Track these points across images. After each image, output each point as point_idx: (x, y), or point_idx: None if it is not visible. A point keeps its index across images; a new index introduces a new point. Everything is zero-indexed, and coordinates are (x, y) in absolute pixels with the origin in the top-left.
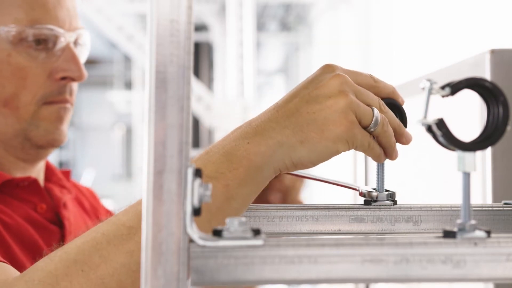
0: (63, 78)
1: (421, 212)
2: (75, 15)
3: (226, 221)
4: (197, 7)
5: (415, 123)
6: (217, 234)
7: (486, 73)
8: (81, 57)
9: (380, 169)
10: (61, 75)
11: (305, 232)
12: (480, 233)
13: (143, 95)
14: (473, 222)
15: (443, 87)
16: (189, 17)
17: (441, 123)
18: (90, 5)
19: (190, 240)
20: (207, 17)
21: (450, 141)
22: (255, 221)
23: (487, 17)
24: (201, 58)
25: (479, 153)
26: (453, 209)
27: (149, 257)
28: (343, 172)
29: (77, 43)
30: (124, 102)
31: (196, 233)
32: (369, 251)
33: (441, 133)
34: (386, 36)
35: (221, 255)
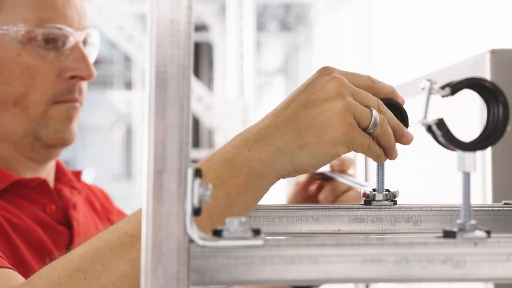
0: (72, 77)
1: (421, 212)
2: (83, 14)
3: (226, 221)
4: (197, 7)
5: (415, 123)
6: (217, 234)
7: (486, 73)
8: (90, 57)
9: (380, 169)
10: (70, 74)
11: (305, 232)
12: (480, 233)
13: (143, 95)
14: (473, 222)
15: (443, 87)
16: (189, 17)
17: (441, 123)
18: (90, 5)
19: (190, 240)
20: (207, 17)
21: (450, 141)
22: (255, 221)
23: (487, 17)
24: (201, 58)
25: (479, 153)
26: (453, 209)
27: (149, 257)
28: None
29: (86, 42)
30: (124, 102)
31: (196, 233)
32: (369, 251)
33: (441, 133)
34: (386, 36)
35: (221, 255)
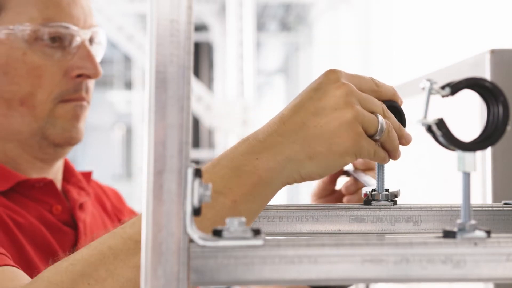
0: (78, 76)
1: (421, 212)
2: (89, 12)
3: (226, 221)
4: (197, 7)
5: (415, 123)
6: (217, 234)
7: (486, 73)
8: (97, 56)
9: (380, 169)
10: (76, 72)
11: (305, 232)
12: (480, 233)
13: (143, 95)
14: (473, 222)
15: (443, 87)
16: (189, 17)
17: (441, 123)
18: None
19: (190, 240)
20: (207, 17)
21: (450, 141)
22: (255, 221)
23: (487, 17)
24: (201, 58)
25: (479, 153)
26: (453, 209)
27: (149, 257)
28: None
29: (92, 41)
30: (124, 102)
31: (196, 233)
32: (369, 251)
33: (441, 133)
34: (386, 36)
35: (221, 255)
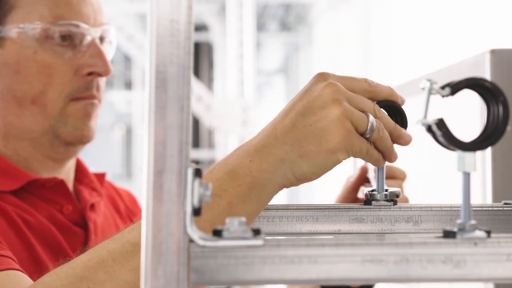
0: (89, 74)
1: (421, 212)
2: (99, 10)
3: (226, 221)
4: (197, 7)
5: (415, 123)
6: (217, 234)
7: (486, 73)
8: (107, 54)
9: (380, 169)
10: (87, 70)
11: (305, 232)
12: (480, 233)
13: (143, 95)
14: (473, 222)
15: (443, 87)
16: (189, 17)
17: (441, 123)
18: None
19: (190, 240)
20: (207, 17)
21: (450, 141)
22: (255, 221)
23: (487, 17)
24: (201, 58)
25: (479, 153)
26: (453, 209)
27: (149, 257)
28: (343, 172)
29: (103, 40)
30: (124, 102)
31: (196, 233)
32: (369, 251)
33: (441, 133)
34: (386, 36)
35: (221, 255)
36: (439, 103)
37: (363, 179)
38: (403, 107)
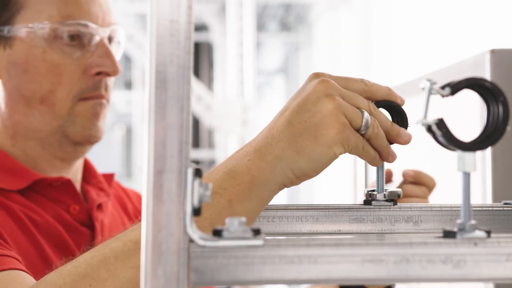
0: (98, 74)
1: (421, 212)
2: (108, 11)
3: (226, 221)
4: (197, 7)
5: (415, 123)
6: (217, 234)
7: (486, 73)
8: (116, 54)
9: (380, 169)
10: (95, 70)
11: (305, 232)
12: (480, 233)
13: (143, 95)
14: (473, 222)
15: (443, 87)
16: (189, 17)
17: (441, 123)
18: None
19: (190, 240)
20: (207, 17)
21: (450, 141)
22: (255, 221)
23: (487, 17)
24: (201, 58)
25: (479, 153)
26: (453, 209)
27: (149, 257)
28: (343, 172)
29: (112, 40)
30: (124, 102)
31: (196, 233)
32: (369, 251)
33: (441, 133)
34: (386, 36)
35: (221, 255)
36: (439, 103)
37: (387, 182)
38: (403, 107)
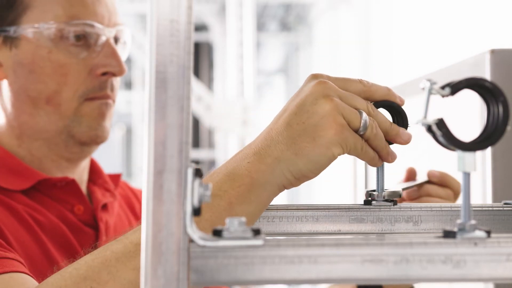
0: (103, 74)
1: (421, 212)
2: (114, 11)
3: (226, 221)
4: (197, 7)
5: (415, 123)
6: (217, 234)
7: (486, 73)
8: (122, 55)
9: (380, 170)
10: (101, 70)
11: (305, 232)
12: (480, 233)
13: (143, 95)
14: (473, 222)
15: (443, 87)
16: (189, 17)
17: (441, 123)
18: None
19: (190, 240)
20: (207, 17)
21: (450, 141)
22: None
23: (487, 17)
24: (201, 58)
25: (479, 153)
26: (453, 209)
27: (149, 257)
28: (343, 173)
29: (117, 40)
30: (124, 102)
31: (196, 233)
32: (369, 251)
33: (441, 133)
34: (386, 36)
35: (221, 255)
36: (439, 103)
37: (411, 180)
38: (402, 107)
